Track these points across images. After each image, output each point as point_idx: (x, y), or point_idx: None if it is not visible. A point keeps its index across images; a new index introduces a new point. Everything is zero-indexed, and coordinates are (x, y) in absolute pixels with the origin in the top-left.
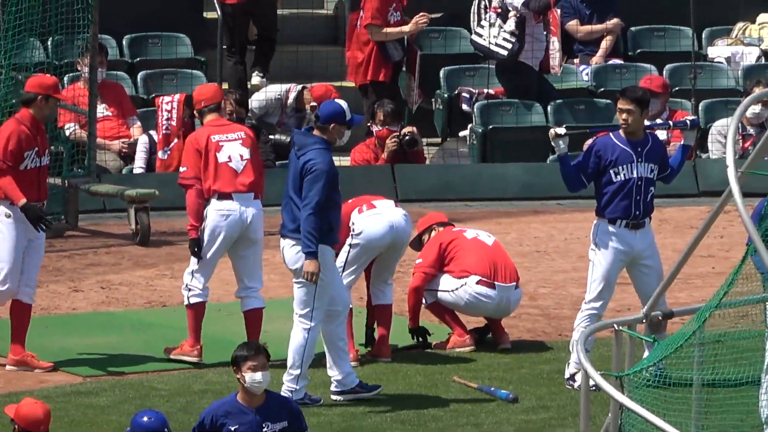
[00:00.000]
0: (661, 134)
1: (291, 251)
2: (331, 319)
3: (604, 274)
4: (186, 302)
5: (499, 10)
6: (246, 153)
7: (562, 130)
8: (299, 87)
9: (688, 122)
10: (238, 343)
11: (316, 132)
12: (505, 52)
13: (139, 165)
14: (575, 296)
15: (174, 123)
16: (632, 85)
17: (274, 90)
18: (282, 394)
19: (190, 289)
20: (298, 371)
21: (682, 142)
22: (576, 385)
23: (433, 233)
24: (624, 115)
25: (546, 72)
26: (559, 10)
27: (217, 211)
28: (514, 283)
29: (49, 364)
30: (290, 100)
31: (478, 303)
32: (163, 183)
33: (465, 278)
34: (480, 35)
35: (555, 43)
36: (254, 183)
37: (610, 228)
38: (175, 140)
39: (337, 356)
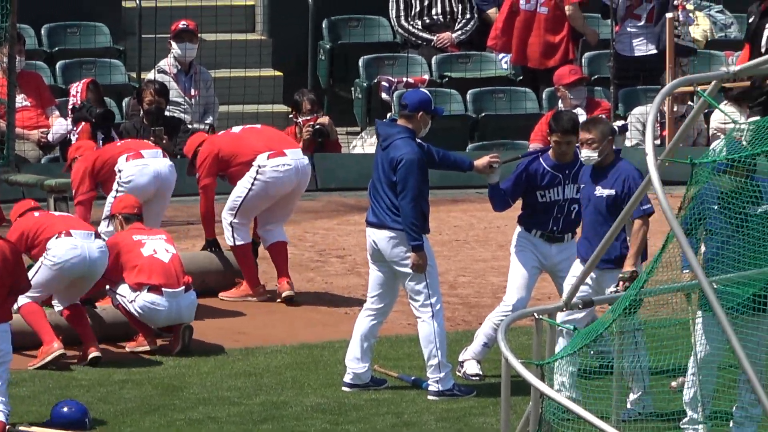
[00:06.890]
0: None
1: (389, 244)
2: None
3: (521, 277)
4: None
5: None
6: None
7: (496, 164)
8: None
9: (617, 129)
10: None
11: (400, 121)
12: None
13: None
14: (495, 285)
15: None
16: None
17: None
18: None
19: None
20: (436, 360)
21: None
22: (463, 371)
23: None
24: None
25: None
26: None
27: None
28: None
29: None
30: None
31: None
32: None
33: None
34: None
35: None
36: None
37: (527, 235)
38: (82, 123)
39: (367, 350)
